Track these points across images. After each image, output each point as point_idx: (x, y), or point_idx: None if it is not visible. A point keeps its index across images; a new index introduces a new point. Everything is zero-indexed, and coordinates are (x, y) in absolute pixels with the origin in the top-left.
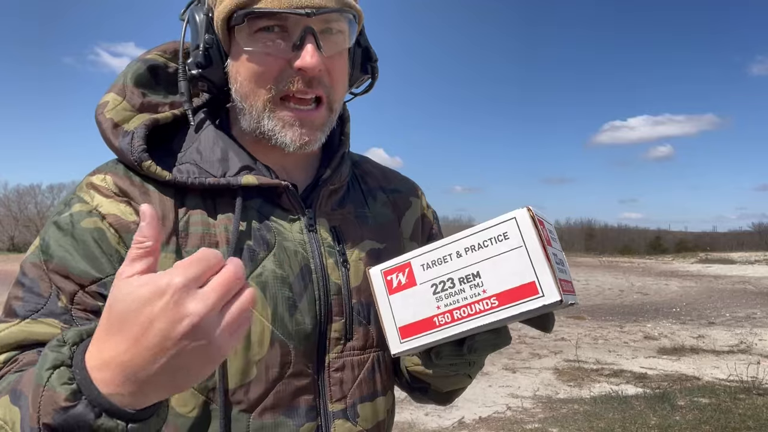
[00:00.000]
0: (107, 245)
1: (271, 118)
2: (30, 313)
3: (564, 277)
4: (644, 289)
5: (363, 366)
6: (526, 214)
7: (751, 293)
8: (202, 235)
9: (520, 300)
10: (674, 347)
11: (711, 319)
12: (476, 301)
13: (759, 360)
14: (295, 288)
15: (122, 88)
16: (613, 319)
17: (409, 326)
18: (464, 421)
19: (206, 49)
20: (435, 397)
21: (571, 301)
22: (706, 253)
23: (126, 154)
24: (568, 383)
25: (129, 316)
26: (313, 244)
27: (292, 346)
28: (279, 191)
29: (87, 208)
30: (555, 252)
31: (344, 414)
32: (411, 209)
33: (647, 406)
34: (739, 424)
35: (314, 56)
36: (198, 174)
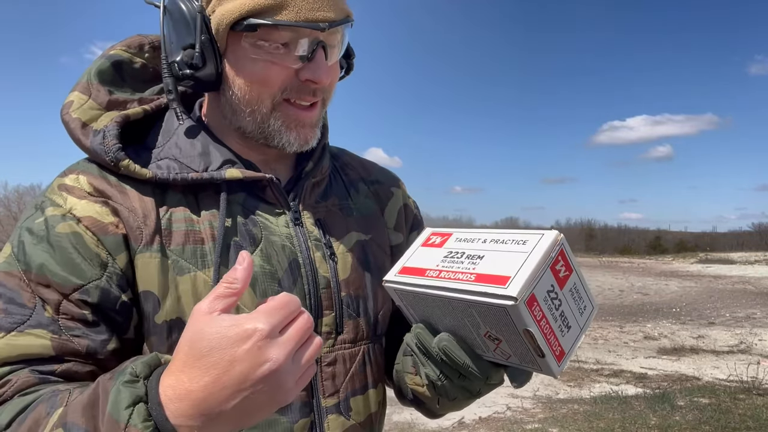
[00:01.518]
0: (86, 250)
1: (276, 119)
2: (15, 325)
3: (561, 337)
4: (644, 289)
5: (354, 359)
6: (554, 235)
7: (751, 293)
8: (186, 232)
9: (488, 284)
10: (674, 347)
11: (711, 319)
12: (462, 272)
13: (759, 360)
14: (284, 283)
15: (87, 86)
16: (613, 319)
17: (410, 269)
18: (464, 421)
19: (202, 51)
20: (427, 413)
21: (551, 363)
22: (706, 253)
23: (100, 155)
24: (568, 383)
25: (213, 354)
26: (299, 237)
27: None
28: (263, 185)
29: (61, 211)
30: (564, 300)
31: (337, 408)
32: (393, 199)
33: (647, 406)
34: (739, 424)
35: (325, 70)
36: (179, 170)
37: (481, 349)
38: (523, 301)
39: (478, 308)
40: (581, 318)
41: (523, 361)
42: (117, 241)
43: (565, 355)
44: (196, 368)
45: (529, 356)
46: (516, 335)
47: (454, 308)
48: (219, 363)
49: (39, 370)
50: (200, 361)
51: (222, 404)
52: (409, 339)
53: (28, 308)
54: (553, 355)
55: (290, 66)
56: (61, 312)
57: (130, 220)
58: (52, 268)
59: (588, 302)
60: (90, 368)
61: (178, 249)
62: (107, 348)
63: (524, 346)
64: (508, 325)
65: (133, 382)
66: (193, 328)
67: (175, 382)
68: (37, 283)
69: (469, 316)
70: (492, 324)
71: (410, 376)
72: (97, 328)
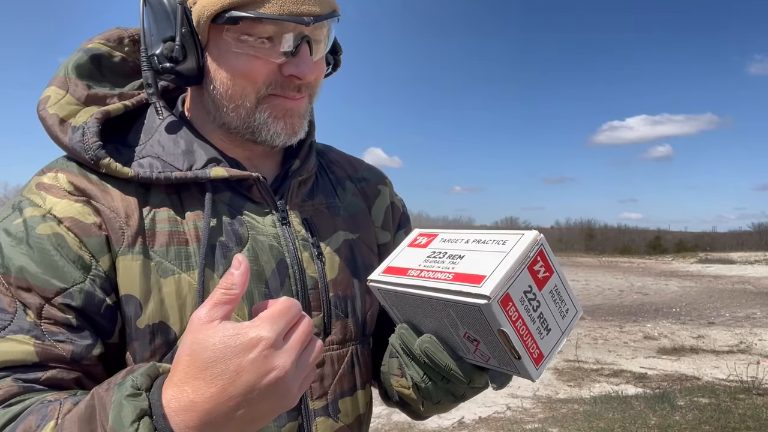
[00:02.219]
0: (68, 251)
1: (262, 111)
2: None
3: (539, 339)
4: (644, 289)
5: (343, 360)
6: (533, 236)
7: (751, 293)
8: (169, 233)
9: (464, 283)
10: (674, 347)
11: (711, 319)
12: (441, 272)
13: (759, 360)
14: (272, 284)
15: (64, 80)
16: (612, 319)
17: (393, 268)
18: (464, 421)
19: (182, 44)
20: (412, 415)
21: (528, 366)
22: (706, 253)
23: (79, 152)
24: (568, 383)
25: (217, 365)
26: (287, 237)
27: None
28: (249, 184)
29: (40, 212)
30: (543, 302)
31: (325, 411)
32: (380, 197)
33: (647, 406)
34: (739, 424)
35: (309, 65)
36: (162, 168)
37: (463, 351)
38: (497, 300)
39: (454, 307)
40: (562, 321)
41: (501, 363)
42: (100, 242)
43: (544, 358)
44: (200, 379)
45: (506, 358)
46: (492, 336)
47: (433, 308)
48: (224, 373)
49: (23, 379)
50: (204, 372)
51: (229, 414)
52: (393, 339)
53: (9, 313)
54: (530, 358)
55: (274, 61)
56: (44, 316)
57: (112, 221)
58: (32, 271)
59: (571, 305)
60: (75, 375)
61: (162, 250)
62: (92, 353)
63: (501, 347)
64: (484, 325)
65: (136, 395)
66: (193, 337)
67: (178, 393)
68: (17, 287)
69: (447, 316)
70: (469, 324)
71: (396, 378)
72: (81, 332)
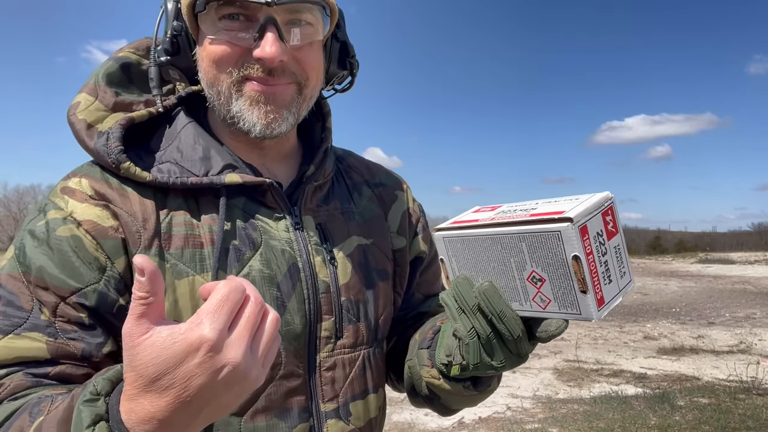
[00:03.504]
0: (85, 253)
1: (238, 98)
2: (12, 328)
3: (603, 284)
4: (644, 289)
5: (354, 364)
6: (606, 192)
7: (751, 293)
8: (185, 236)
9: (544, 215)
10: (674, 347)
11: (711, 319)
12: (517, 215)
13: (759, 360)
14: (284, 288)
15: (94, 87)
16: (612, 319)
17: (461, 221)
18: (464, 421)
19: (174, 36)
20: (439, 409)
21: (591, 304)
22: (706, 253)
23: (102, 156)
24: (568, 383)
25: (164, 377)
26: (299, 242)
27: (283, 347)
28: (263, 189)
29: (62, 214)
30: (609, 252)
31: (336, 413)
32: (397, 203)
33: (647, 406)
34: (738, 424)
35: (273, 46)
36: (179, 173)
37: (520, 301)
38: (578, 226)
39: (530, 240)
40: (621, 281)
41: (562, 305)
42: (116, 245)
43: (605, 303)
44: (151, 392)
45: (570, 296)
46: (562, 268)
47: (503, 247)
48: (174, 383)
49: (33, 373)
50: (153, 386)
51: (191, 415)
52: (444, 294)
53: (26, 311)
54: (594, 295)
55: (244, 45)
56: (58, 315)
57: (129, 224)
58: (50, 271)
59: (628, 270)
60: (85, 371)
61: (177, 253)
62: (102, 351)
63: (568, 281)
64: (558, 254)
65: (94, 401)
66: (131, 354)
67: (135, 407)
68: (36, 285)
69: (517, 253)
70: (539, 258)
71: (426, 369)
72: (93, 331)
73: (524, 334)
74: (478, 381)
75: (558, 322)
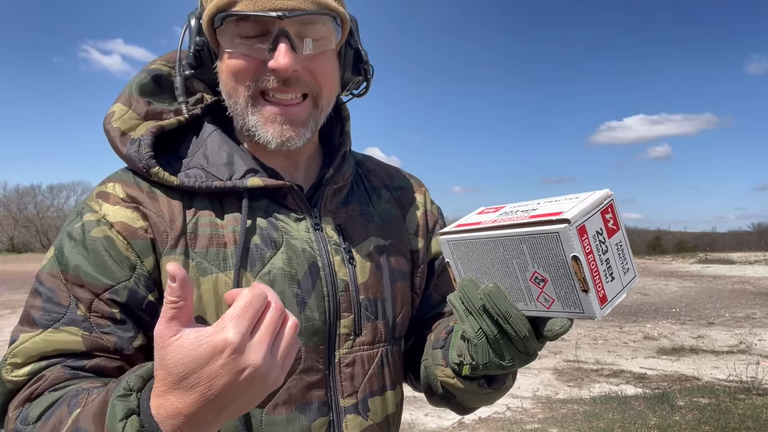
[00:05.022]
0: (116, 252)
1: (253, 113)
2: (51, 323)
3: (605, 282)
4: (644, 289)
5: (372, 361)
6: (606, 190)
7: (751, 293)
8: (210, 236)
9: (543, 217)
10: (674, 347)
11: (710, 319)
12: (517, 217)
13: (758, 360)
14: (304, 285)
15: (128, 98)
16: (612, 319)
17: (465, 224)
18: (464, 421)
19: (197, 51)
20: (457, 409)
21: (593, 303)
22: (706, 253)
23: (134, 162)
24: (568, 383)
25: (191, 376)
26: (319, 242)
27: (302, 342)
28: (284, 192)
29: (96, 217)
30: (610, 250)
31: (355, 409)
32: (415, 205)
33: (647, 406)
34: (738, 424)
35: (286, 57)
36: (205, 178)
37: (525, 301)
38: (575, 226)
39: (530, 241)
40: (624, 277)
41: (565, 304)
42: (146, 244)
43: (608, 301)
44: (179, 389)
45: (572, 296)
46: (563, 268)
47: (505, 249)
48: (200, 382)
49: (70, 366)
50: (181, 384)
51: (214, 412)
52: (452, 296)
53: (64, 307)
54: (596, 294)
55: (258, 57)
56: (93, 310)
57: (158, 225)
58: (86, 269)
59: (631, 266)
60: (118, 363)
61: (202, 251)
62: (133, 344)
63: (569, 281)
64: (558, 255)
65: (126, 396)
66: (161, 354)
67: (163, 402)
68: (72, 283)
69: (519, 255)
70: (540, 259)
71: (440, 369)
72: (124, 325)
73: (531, 333)
74: (492, 379)
75: (562, 321)
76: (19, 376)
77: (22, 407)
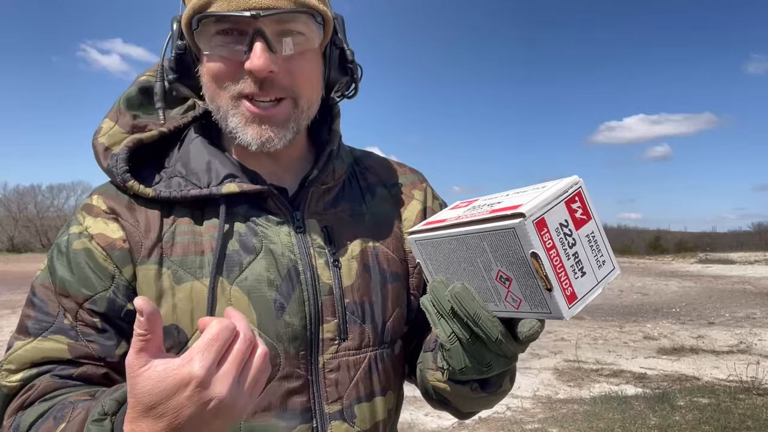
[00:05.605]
0: (95, 263)
1: (234, 115)
2: (41, 331)
3: (573, 278)
4: (644, 289)
5: (359, 366)
6: (572, 178)
7: (751, 293)
8: (187, 244)
9: (500, 212)
10: (674, 347)
11: (710, 319)
12: (479, 213)
13: (759, 360)
14: (283, 290)
15: (116, 112)
16: (612, 319)
17: (434, 221)
18: (464, 421)
19: (178, 55)
20: (454, 412)
21: (560, 302)
22: (706, 253)
23: (113, 175)
24: (568, 383)
25: (158, 406)
26: (301, 245)
27: (282, 348)
28: (264, 196)
29: (79, 229)
30: (579, 242)
31: (341, 415)
32: (413, 202)
33: (647, 406)
34: (738, 424)
35: (261, 57)
36: (184, 186)
37: (494, 302)
38: (531, 220)
39: (489, 239)
40: (599, 271)
41: (532, 304)
42: (123, 254)
43: (577, 299)
44: (148, 417)
45: (537, 295)
46: (525, 266)
47: (467, 248)
48: (167, 412)
49: (59, 375)
50: (150, 413)
51: None
52: (424, 299)
53: (52, 316)
54: (563, 293)
55: (236, 58)
56: (78, 319)
57: (133, 235)
58: (68, 280)
59: (608, 258)
60: (103, 371)
61: (179, 259)
62: (116, 352)
63: (533, 280)
64: (517, 252)
65: (101, 420)
66: (132, 383)
67: (135, 428)
68: (59, 293)
69: (482, 254)
70: (502, 257)
71: (431, 372)
72: (105, 334)
73: (505, 335)
74: (485, 383)
75: (531, 323)
76: (13, 382)
77: (15, 415)
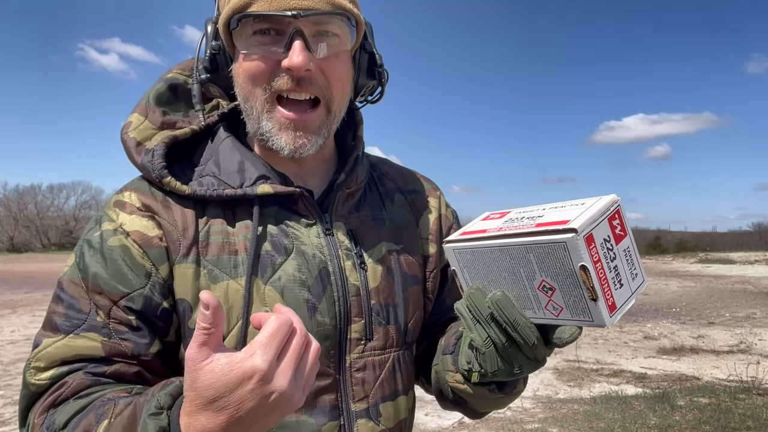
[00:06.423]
0: (132, 261)
1: (269, 119)
2: (73, 329)
3: (614, 290)
4: (644, 289)
5: (384, 366)
6: (612, 196)
7: (751, 293)
8: (221, 244)
9: (549, 226)
10: (674, 347)
11: (711, 319)
12: (523, 225)
13: (759, 360)
14: (314, 290)
15: (144, 108)
16: None
17: (470, 232)
18: (464, 421)
19: (213, 55)
20: (468, 413)
21: (603, 311)
22: (706, 253)
23: (148, 171)
24: (568, 383)
25: (220, 399)
26: (330, 247)
27: None
28: (295, 198)
29: (113, 226)
30: (618, 256)
31: (367, 413)
32: (428, 209)
33: (647, 406)
34: (739, 424)
35: (300, 55)
36: (217, 186)
37: (533, 309)
38: (583, 235)
39: (537, 251)
40: (633, 283)
41: (574, 312)
42: (160, 253)
43: (617, 309)
44: (209, 410)
45: (581, 304)
46: (571, 277)
47: (512, 258)
48: (229, 405)
49: (92, 372)
50: (211, 405)
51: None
52: (459, 304)
53: (84, 313)
54: (605, 302)
55: (274, 57)
56: (111, 317)
57: (171, 233)
58: (103, 277)
59: (639, 271)
60: (136, 369)
61: (214, 259)
62: (150, 350)
63: (578, 290)
64: (565, 265)
65: (158, 414)
66: (192, 377)
67: (193, 421)
68: (92, 290)
69: (525, 264)
70: (548, 269)
71: (451, 374)
72: (140, 332)
73: (540, 341)
74: (503, 384)
75: (572, 329)
76: (42, 380)
77: (47, 413)
